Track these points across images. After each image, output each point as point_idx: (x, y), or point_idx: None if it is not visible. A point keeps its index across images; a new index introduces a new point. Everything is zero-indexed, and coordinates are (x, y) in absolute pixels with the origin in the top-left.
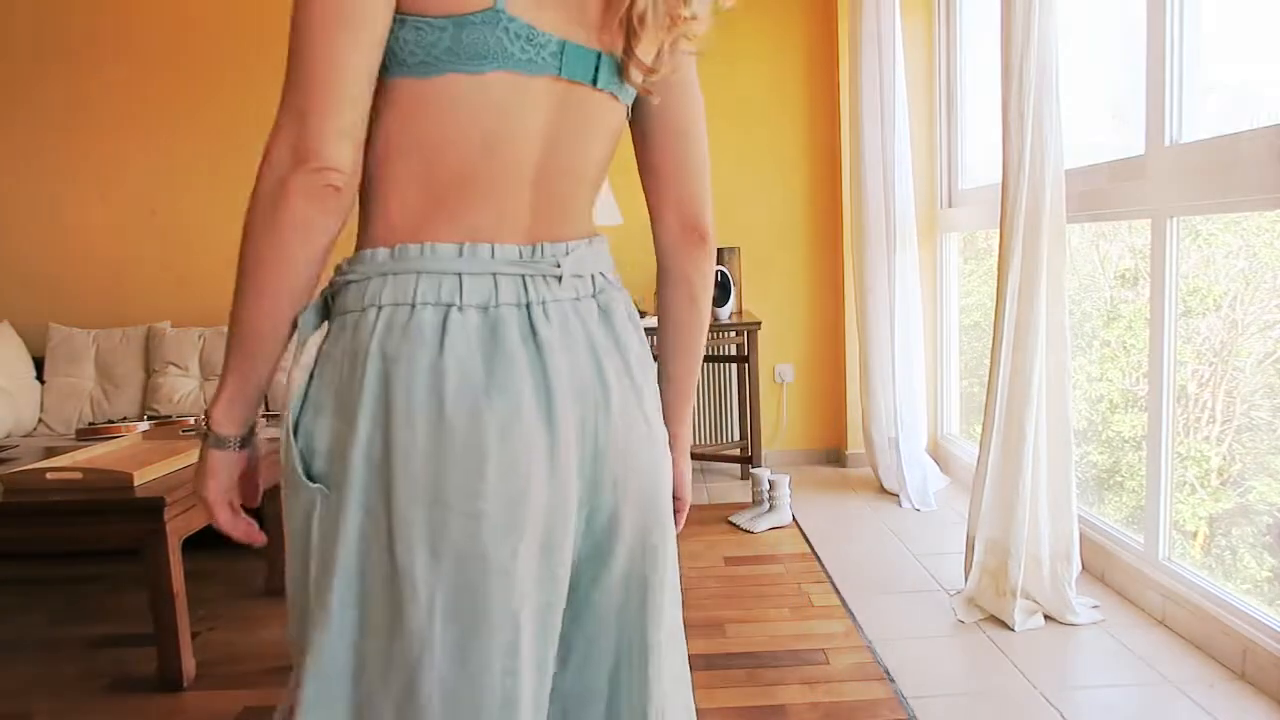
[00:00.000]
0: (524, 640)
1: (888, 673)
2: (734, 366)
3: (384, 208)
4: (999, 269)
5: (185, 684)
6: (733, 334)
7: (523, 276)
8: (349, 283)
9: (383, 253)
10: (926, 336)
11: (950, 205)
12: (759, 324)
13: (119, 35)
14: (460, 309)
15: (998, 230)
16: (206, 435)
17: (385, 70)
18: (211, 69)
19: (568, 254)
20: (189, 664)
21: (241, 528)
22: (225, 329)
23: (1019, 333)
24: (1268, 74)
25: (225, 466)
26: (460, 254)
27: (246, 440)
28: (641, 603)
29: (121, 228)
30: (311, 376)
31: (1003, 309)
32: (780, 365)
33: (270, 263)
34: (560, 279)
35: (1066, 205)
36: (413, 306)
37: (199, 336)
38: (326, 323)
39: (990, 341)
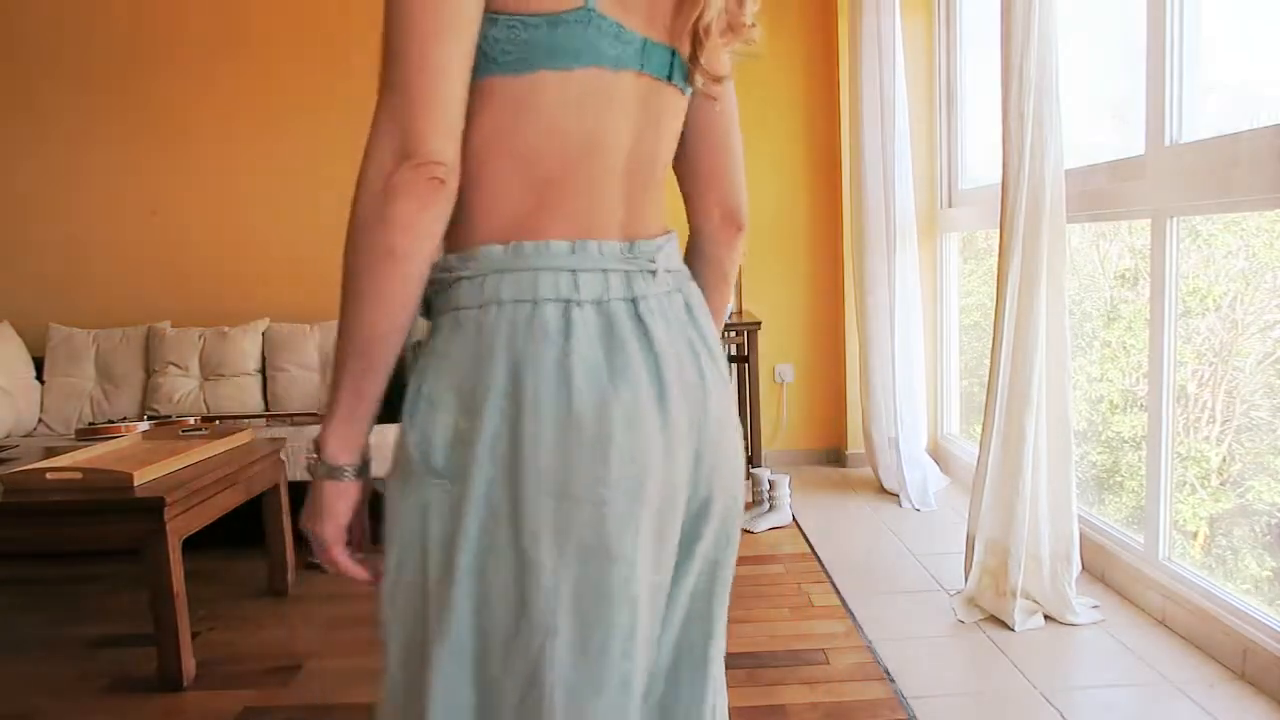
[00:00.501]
0: (640, 623)
1: (888, 673)
2: (734, 366)
3: (488, 205)
4: (999, 269)
5: (185, 684)
6: (733, 334)
7: (626, 272)
8: (460, 279)
9: (497, 249)
10: (926, 336)
11: (950, 205)
12: (759, 324)
13: (119, 36)
14: (579, 305)
15: (998, 230)
16: (318, 468)
17: (476, 69)
18: (211, 69)
19: (659, 249)
20: (189, 664)
21: (363, 570)
22: (225, 329)
23: (1019, 333)
24: (1268, 74)
25: (343, 500)
26: (573, 251)
27: (362, 470)
28: (710, 583)
29: (121, 228)
30: (423, 373)
31: (1003, 309)
32: (780, 365)
33: (384, 265)
34: (655, 274)
35: (1066, 205)
36: (534, 303)
37: (199, 336)
38: (428, 320)
39: (990, 341)
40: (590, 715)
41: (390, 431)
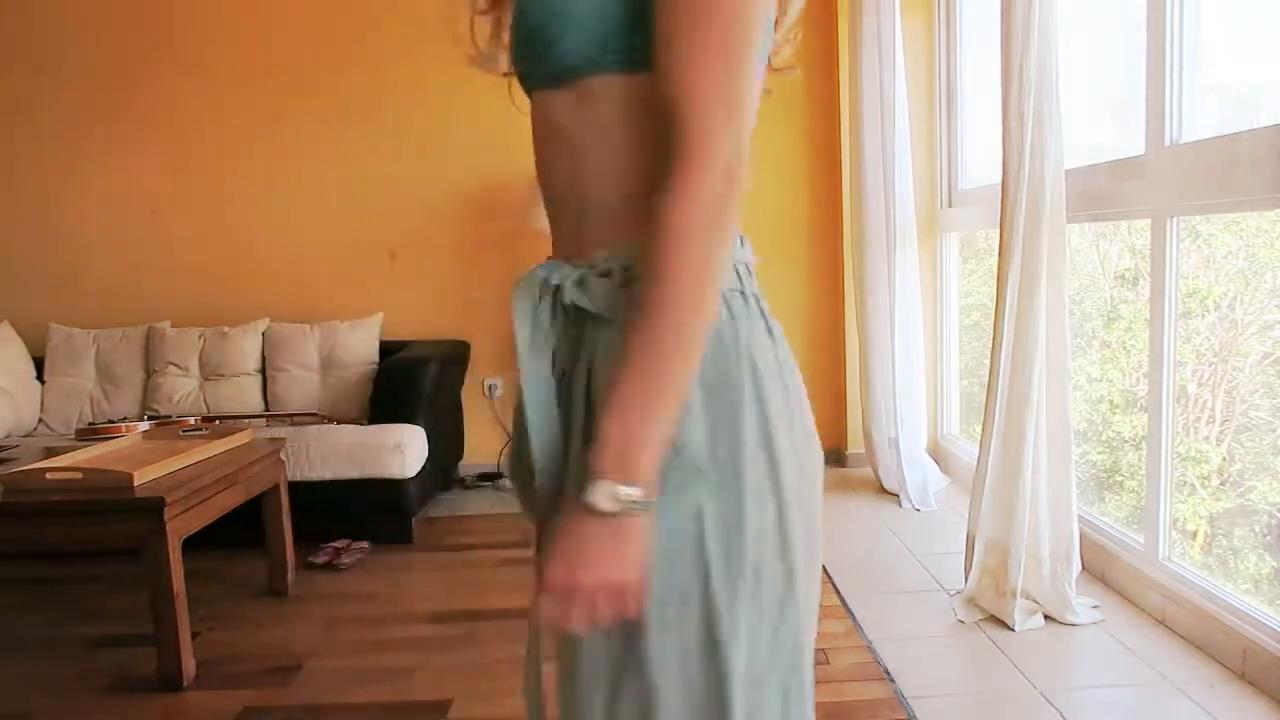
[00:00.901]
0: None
1: (888, 673)
2: None
3: None
4: (999, 269)
5: (185, 684)
6: None
7: (748, 264)
8: None
9: None
10: (926, 336)
11: (950, 205)
12: None
13: (119, 36)
14: (757, 298)
15: (998, 230)
16: (629, 501)
17: None
18: (211, 69)
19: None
20: (189, 664)
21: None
22: (225, 329)
23: (1019, 333)
24: (1268, 74)
25: (644, 538)
26: (741, 243)
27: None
28: None
29: (121, 228)
30: None
31: (1003, 309)
32: None
33: (715, 273)
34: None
35: (1066, 205)
36: (743, 294)
37: (199, 336)
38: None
39: (990, 341)
40: None
41: (405, 432)
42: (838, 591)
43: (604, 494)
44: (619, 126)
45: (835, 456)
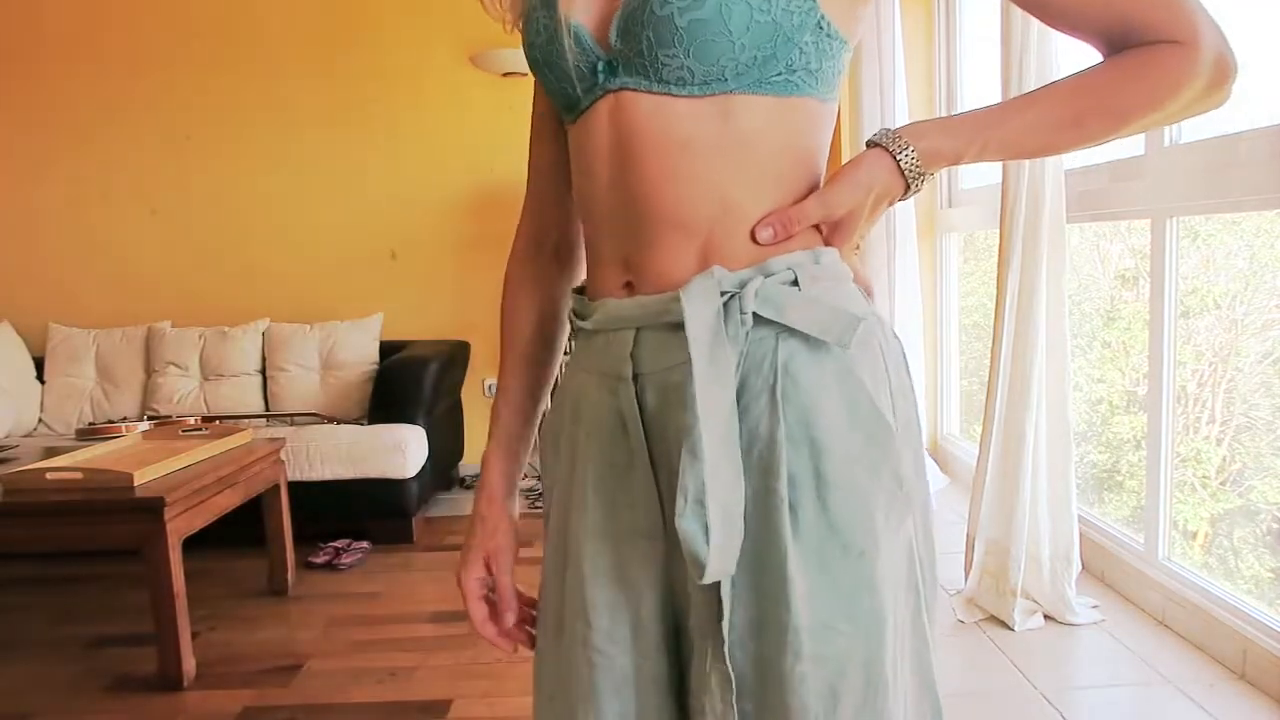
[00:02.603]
0: None
1: None
2: None
3: None
4: (999, 269)
5: (185, 684)
6: None
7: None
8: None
9: None
10: (926, 336)
11: (950, 205)
12: None
13: (119, 36)
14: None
15: (998, 230)
16: (910, 173)
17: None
18: (212, 69)
19: None
20: (189, 664)
21: None
22: (225, 329)
23: (1019, 333)
24: (1267, 74)
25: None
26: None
27: None
28: None
29: (121, 228)
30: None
31: (1003, 309)
32: None
33: (1123, 124)
34: None
35: (1066, 205)
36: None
37: (199, 336)
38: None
39: (990, 342)
40: None
41: (405, 432)
42: None
43: (912, 153)
44: (774, 143)
45: None
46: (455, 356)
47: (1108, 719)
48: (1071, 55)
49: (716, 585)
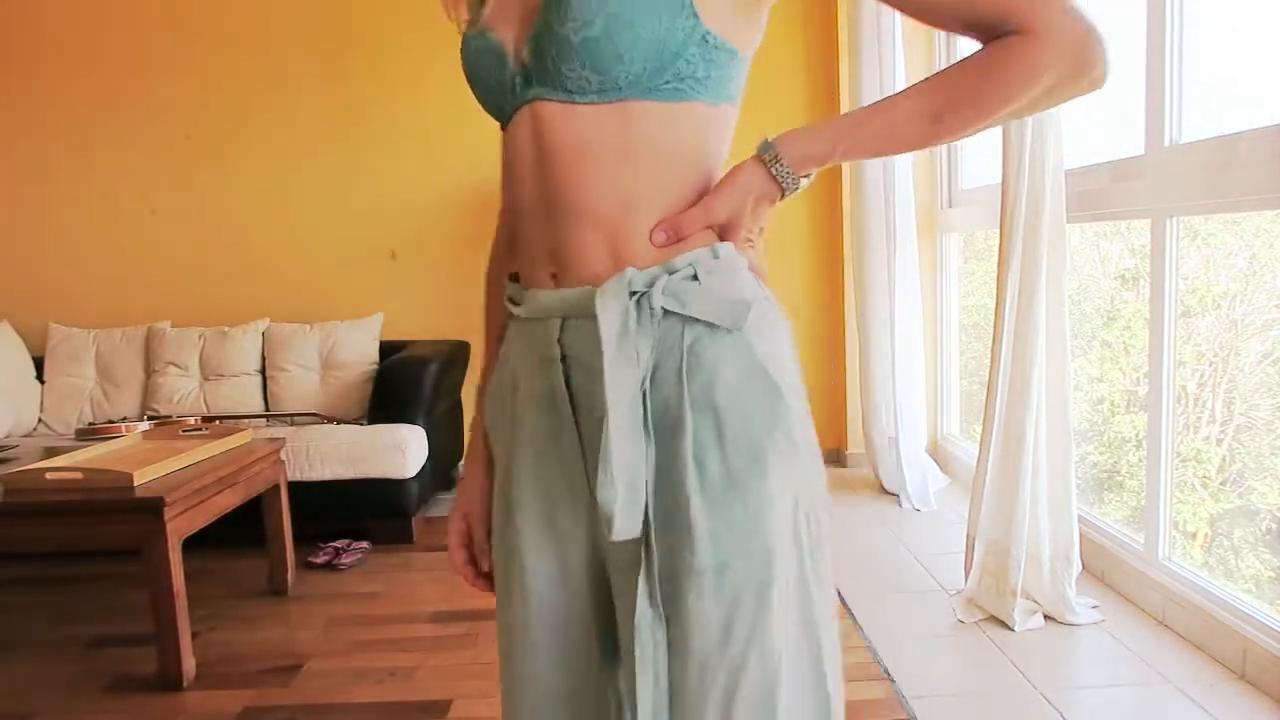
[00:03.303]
0: None
1: (888, 673)
2: None
3: None
4: (999, 269)
5: (185, 684)
6: None
7: None
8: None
9: None
10: (926, 336)
11: (950, 205)
12: None
13: (120, 36)
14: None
15: (998, 230)
16: (782, 177)
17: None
18: (213, 70)
19: None
20: (189, 664)
21: None
22: (225, 329)
23: (1019, 333)
24: (1268, 74)
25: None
26: None
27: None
28: None
29: (122, 228)
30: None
31: (1003, 309)
32: None
33: (976, 122)
34: None
35: (1066, 205)
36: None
37: (199, 336)
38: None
39: (990, 342)
40: None
41: (405, 432)
42: (837, 591)
43: (785, 163)
44: (666, 143)
45: (835, 456)
46: (455, 356)
47: (1108, 719)
48: None
49: (636, 540)
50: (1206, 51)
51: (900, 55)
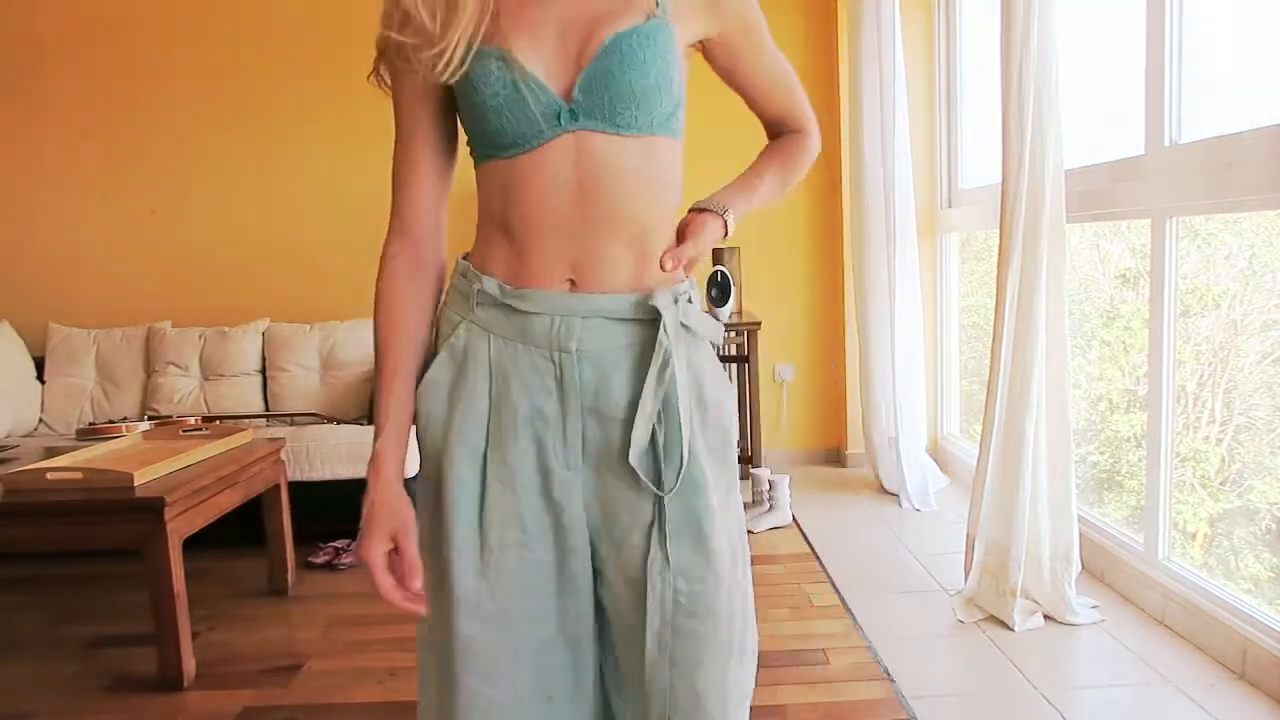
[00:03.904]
0: None
1: (888, 673)
2: (734, 366)
3: None
4: (999, 269)
5: (185, 684)
6: (732, 334)
7: None
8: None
9: None
10: (926, 336)
11: (950, 205)
12: (759, 324)
13: (119, 35)
14: None
15: (998, 230)
16: (730, 225)
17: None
18: (211, 69)
19: None
20: (189, 664)
21: None
22: (225, 329)
23: (1019, 333)
24: (1267, 74)
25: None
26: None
27: None
28: None
29: (121, 228)
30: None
31: (1003, 309)
32: (780, 365)
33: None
34: None
35: (1066, 205)
36: None
37: (199, 336)
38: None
39: (990, 342)
40: None
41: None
42: (837, 591)
43: (732, 218)
44: (670, 175)
45: (835, 456)
46: None
47: (1108, 719)
48: (1069, 59)
49: (652, 501)
50: (1206, 51)
51: (900, 56)
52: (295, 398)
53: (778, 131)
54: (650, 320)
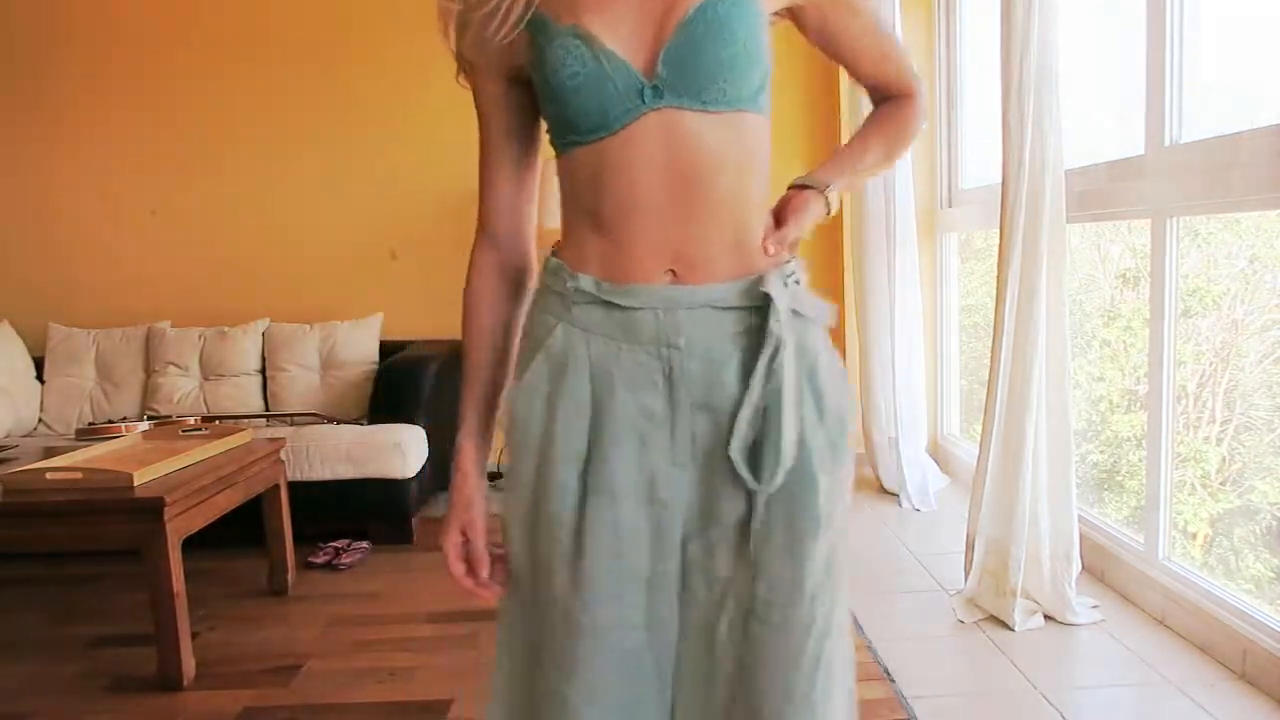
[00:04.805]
0: None
1: (888, 673)
2: None
3: None
4: (999, 269)
5: (185, 684)
6: None
7: None
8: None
9: None
10: (926, 336)
11: (950, 205)
12: None
13: (118, 35)
14: None
15: (998, 230)
16: (830, 203)
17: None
18: (212, 69)
19: None
20: (189, 664)
21: None
22: (225, 329)
23: (1019, 333)
24: (1268, 74)
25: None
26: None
27: None
28: None
29: (121, 228)
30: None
31: (1003, 309)
32: None
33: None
34: None
35: (1066, 205)
36: None
37: (199, 336)
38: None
39: (990, 341)
40: None
41: (405, 432)
42: None
43: (834, 195)
44: (761, 152)
45: None
46: (455, 356)
47: (1107, 719)
48: (1069, 59)
49: (748, 497)
50: (1207, 51)
51: None
52: (295, 398)
53: (882, 98)
54: (759, 306)
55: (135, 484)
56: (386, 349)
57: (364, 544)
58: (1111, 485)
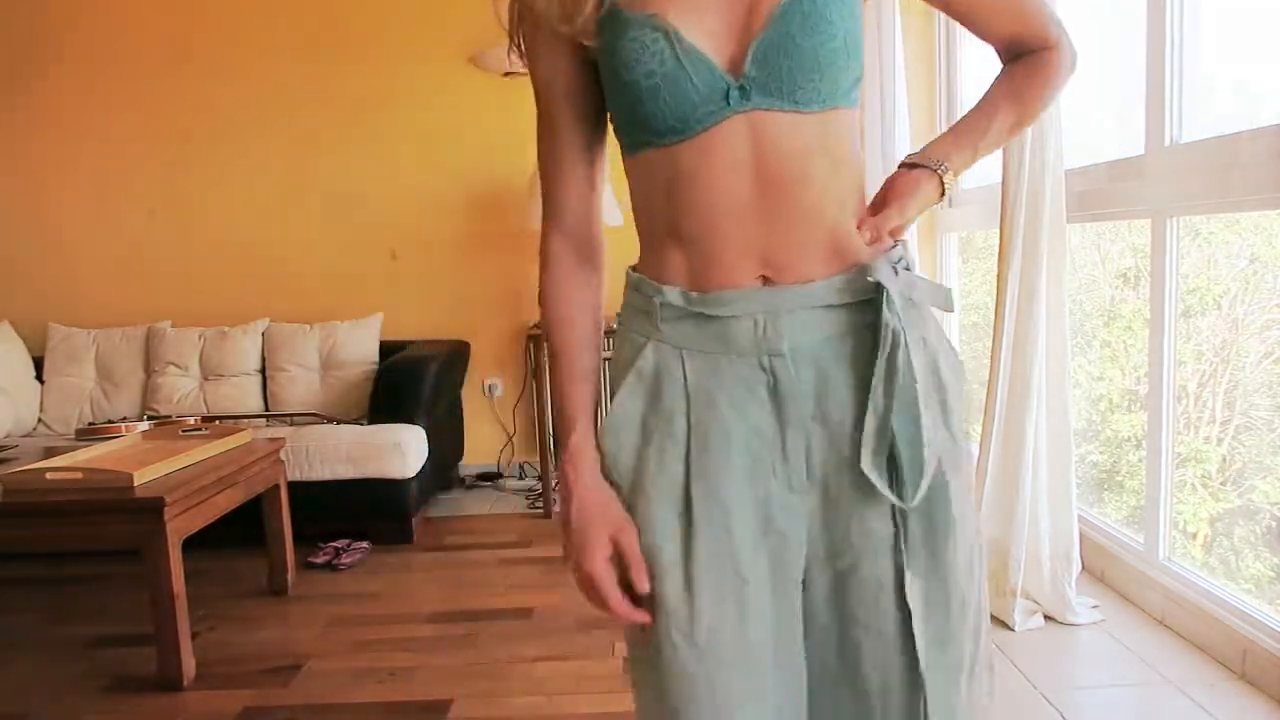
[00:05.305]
0: None
1: None
2: None
3: None
4: (999, 269)
5: (185, 684)
6: None
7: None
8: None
9: None
10: None
11: (950, 205)
12: None
13: (118, 35)
14: None
15: (998, 230)
16: (949, 185)
17: None
18: (212, 69)
19: None
20: (189, 664)
21: None
22: (225, 329)
23: (1019, 333)
24: (1268, 74)
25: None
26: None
27: None
28: None
29: (121, 228)
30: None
31: (1003, 309)
32: None
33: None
34: None
35: (1066, 205)
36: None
37: (199, 336)
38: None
39: (990, 342)
40: None
41: (405, 432)
42: None
43: (950, 175)
44: (852, 147)
45: None
46: (455, 356)
47: (1108, 719)
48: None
49: (890, 516)
50: (1207, 51)
51: (900, 57)
52: (295, 398)
53: (1014, 55)
54: (867, 300)
55: (135, 484)
56: (386, 349)
57: (364, 544)
58: (1111, 485)
